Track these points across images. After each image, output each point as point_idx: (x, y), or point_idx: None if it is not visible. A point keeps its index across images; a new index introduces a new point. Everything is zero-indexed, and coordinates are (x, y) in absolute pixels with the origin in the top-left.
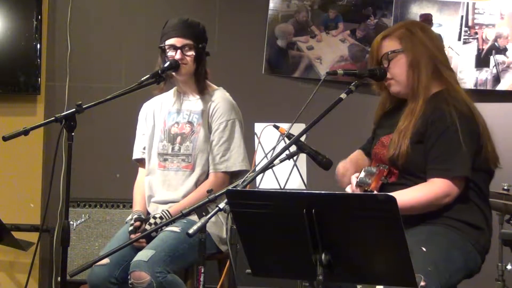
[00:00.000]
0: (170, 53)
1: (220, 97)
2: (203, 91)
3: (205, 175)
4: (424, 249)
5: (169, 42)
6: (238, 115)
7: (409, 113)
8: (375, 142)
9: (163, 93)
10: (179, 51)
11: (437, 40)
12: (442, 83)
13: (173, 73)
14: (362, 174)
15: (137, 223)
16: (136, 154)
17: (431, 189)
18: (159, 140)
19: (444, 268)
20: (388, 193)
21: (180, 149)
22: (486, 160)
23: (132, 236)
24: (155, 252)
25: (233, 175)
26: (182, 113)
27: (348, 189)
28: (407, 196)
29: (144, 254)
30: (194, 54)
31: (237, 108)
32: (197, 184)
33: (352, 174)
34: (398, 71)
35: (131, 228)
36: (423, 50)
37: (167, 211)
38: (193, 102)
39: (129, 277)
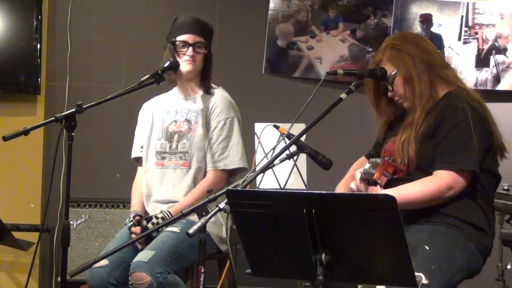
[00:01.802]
0: (182, 49)
1: (219, 95)
2: (208, 90)
3: (202, 172)
4: (427, 247)
5: (181, 38)
6: (236, 114)
7: (409, 125)
8: (386, 141)
9: (172, 87)
10: (191, 48)
11: (425, 44)
12: (448, 84)
13: (182, 70)
14: (367, 165)
15: (138, 218)
16: (135, 153)
17: (435, 182)
18: (157, 139)
19: (447, 267)
20: (390, 191)
21: (177, 147)
22: (495, 159)
23: (133, 229)
24: (155, 252)
25: (231, 173)
26: (181, 111)
27: (353, 185)
28: (411, 190)
29: (144, 255)
30: (204, 52)
31: (236, 107)
32: (195, 181)
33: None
34: (400, 90)
35: (131, 223)
36: (413, 62)
37: (168, 211)
38: (192, 101)
39: (129, 278)
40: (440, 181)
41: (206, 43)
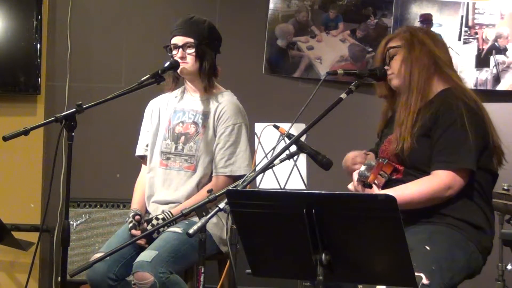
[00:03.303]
0: (174, 51)
1: (228, 100)
2: (207, 89)
3: (207, 177)
4: (427, 248)
5: (173, 41)
6: (244, 120)
7: (404, 104)
8: (383, 141)
9: (172, 91)
10: (180, 49)
11: (439, 42)
12: (447, 81)
13: (178, 72)
14: (363, 168)
15: (137, 217)
16: (139, 151)
17: (434, 182)
18: (162, 139)
19: (447, 267)
20: (389, 191)
21: (183, 149)
22: (491, 158)
23: (133, 231)
24: (158, 252)
25: (236, 179)
26: (188, 112)
27: (350, 186)
28: (410, 190)
29: (147, 255)
30: (194, 52)
31: (244, 112)
32: (199, 185)
33: (359, 159)
34: (396, 66)
35: (131, 225)
36: (421, 48)
37: (169, 212)
38: (200, 103)
39: (132, 277)
40: (439, 180)
41: (196, 43)
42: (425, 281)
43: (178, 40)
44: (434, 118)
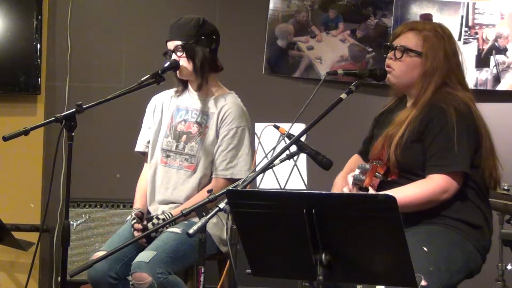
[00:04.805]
0: (174, 56)
1: (232, 102)
2: (203, 85)
3: (206, 178)
4: (425, 249)
5: (167, 46)
6: (248, 123)
7: (403, 119)
8: (374, 141)
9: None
10: (173, 54)
11: (458, 56)
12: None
13: (177, 74)
14: (357, 171)
15: (138, 213)
16: (139, 146)
17: (429, 185)
18: (164, 136)
19: (446, 268)
20: (388, 192)
21: (184, 148)
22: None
23: (136, 225)
24: (156, 253)
25: (235, 182)
26: (191, 112)
27: (346, 190)
28: (405, 193)
29: (145, 255)
30: (184, 54)
31: (248, 116)
32: (198, 186)
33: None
34: (405, 70)
35: (134, 221)
36: (443, 61)
37: (170, 213)
38: (204, 103)
39: (130, 278)
40: (435, 184)
41: (183, 44)
42: (423, 282)
43: (169, 45)
44: (426, 123)
